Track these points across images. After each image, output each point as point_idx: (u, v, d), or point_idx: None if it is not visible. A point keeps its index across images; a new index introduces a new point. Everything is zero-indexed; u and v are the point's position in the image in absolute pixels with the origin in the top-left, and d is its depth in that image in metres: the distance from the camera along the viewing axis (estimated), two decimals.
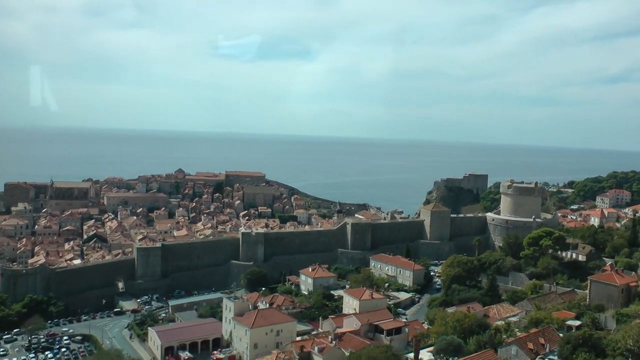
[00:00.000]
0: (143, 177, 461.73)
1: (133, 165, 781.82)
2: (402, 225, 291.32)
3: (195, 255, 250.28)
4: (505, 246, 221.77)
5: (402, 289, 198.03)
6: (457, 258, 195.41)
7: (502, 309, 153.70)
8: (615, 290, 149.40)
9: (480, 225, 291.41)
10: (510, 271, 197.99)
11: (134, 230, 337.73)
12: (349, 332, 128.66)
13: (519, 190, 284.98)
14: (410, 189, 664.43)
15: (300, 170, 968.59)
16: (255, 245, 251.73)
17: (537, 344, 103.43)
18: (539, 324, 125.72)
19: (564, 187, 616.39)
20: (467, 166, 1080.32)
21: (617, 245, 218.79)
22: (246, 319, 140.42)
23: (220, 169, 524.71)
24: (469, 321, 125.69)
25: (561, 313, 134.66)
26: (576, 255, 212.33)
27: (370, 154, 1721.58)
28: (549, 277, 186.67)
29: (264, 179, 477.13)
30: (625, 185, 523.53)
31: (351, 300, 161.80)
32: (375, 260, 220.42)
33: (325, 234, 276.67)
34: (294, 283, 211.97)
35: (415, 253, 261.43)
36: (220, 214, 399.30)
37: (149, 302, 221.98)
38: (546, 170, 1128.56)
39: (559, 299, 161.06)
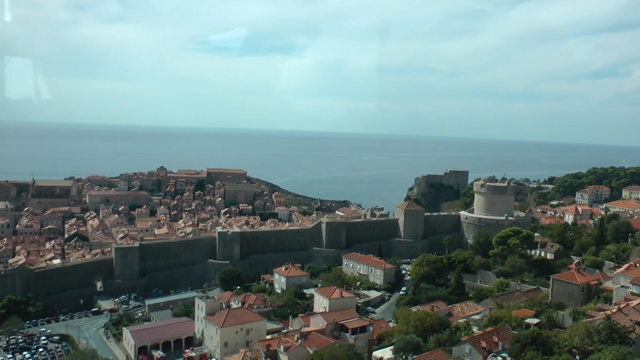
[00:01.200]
0: (125, 175, 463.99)
1: (116, 162, 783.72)
2: (376, 224, 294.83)
3: (172, 254, 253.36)
4: (476, 244, 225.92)
5: (373, 287, 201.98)
6: (427, 257, 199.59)
7: (467, 307, 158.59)
8: (575, 289, 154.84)
9: (454, 224, 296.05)
10: (479, 269, 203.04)
11: (115, 229, 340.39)
12: (314, 331, 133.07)
13: (492, 189, 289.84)
14: (393, 185, 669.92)
15: (284, 166, 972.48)
16: (232, 244, 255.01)
17: (490, 342, 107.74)
18: (497, 322, 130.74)
19: (544, 183, 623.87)
20: (451, 161, 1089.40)
21: (585, 244, 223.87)
22: (217, 318, 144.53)
23: (204, 166, 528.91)
24: (431, 320, 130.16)
25: (521, 311, 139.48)
26: (544, 254, 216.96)
27: (354, 150, 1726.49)
28: (516, 275, 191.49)
29: (245, 176, 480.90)
30: (605, 181, 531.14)
31: (321, 299, 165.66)
32: (348, 259, 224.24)
33: (301, 232, 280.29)
34: (268, 282, 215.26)
35: (389, 251, 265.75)
36: (202, 212, 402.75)
37: (126, 302, 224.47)
38: (529, 166, 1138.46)
39: (523, 297, 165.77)
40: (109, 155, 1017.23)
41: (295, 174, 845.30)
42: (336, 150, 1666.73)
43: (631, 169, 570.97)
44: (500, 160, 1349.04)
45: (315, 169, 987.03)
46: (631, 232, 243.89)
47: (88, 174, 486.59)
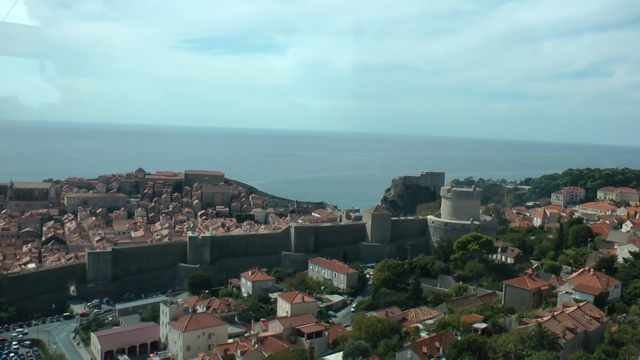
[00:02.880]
0: (103, 177, 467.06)
1: (96, 163, 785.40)
2: (344, 228, 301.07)
3: (145, 259, 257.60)
4: (439, 249, 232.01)
5: (336, 291, 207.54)
6: (388, 262, 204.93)
7: (421, 312, 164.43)
8: (527, 294, 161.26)
9: (421, 228, 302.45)
10: (439, 274, 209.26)
11: (92, 231, 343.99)
12: (271, 335, 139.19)
13: (458, 194, 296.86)
14: (372, 186, 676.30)
15: (264, 167, 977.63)
16: (202, 248, 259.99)
17: (432, 348, 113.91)
18: (445, 327, 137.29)
19: (520, 184, 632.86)
20: (432, 161, 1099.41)
21: (544, 248, 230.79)
22: (180, 323, 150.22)
23: (184, 167, 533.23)
24: (382, 326, 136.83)
25: (470, 316, 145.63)
26: (505, 258, 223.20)
27: (336, 149, 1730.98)
28: (475, 279, 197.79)
29: (222, 178, 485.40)
30: (580, 182, 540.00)
31: (284, 303, 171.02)
32: (313, 264, 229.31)
33: (271, 237, 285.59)
34: (235, 286, 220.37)
35: (356, 255, 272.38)
36: (179, 214, 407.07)
37: (98, 306, 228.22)
38: (509, 165, 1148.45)
39: (478, 301, 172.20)
40: (89, 155, 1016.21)
41: (275, 175, 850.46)
42: (318, 149, 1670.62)
43: (606, 171, 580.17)
44: (480, 159, 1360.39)
45: (295, 169, 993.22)
46: (591, 236, 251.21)
47: (67, 175, 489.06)
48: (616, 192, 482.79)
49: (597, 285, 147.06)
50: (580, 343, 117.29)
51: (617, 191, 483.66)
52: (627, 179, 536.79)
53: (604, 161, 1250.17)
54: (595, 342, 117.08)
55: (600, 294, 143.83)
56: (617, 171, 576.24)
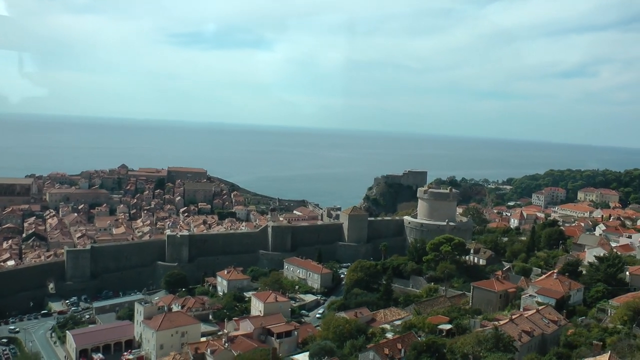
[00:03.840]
0: (86, 173, 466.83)
1: (80, 158, 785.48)
2: (321, 228, 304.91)
3: (123, 257, 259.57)
4: (413, 250, 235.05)
5: (310, 291, 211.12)
6: (361, 263, 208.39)
7: (390, 313, 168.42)
8: (494, 296, 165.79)
9: (397, 228, 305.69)
10: (411, 275, 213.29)
11: (74, 228, 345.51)
12: (242, 335, 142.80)
13: (435, 195, 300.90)
14: (355, 183, 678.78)
15: (250, 163, 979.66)
16: (180, 247, 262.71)
17: (394, 349, 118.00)
18: (411, 328, 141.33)
19: (502, 184, 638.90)
20: (417, 159, 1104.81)
21: (516, 251, 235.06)
22: (153, 322, 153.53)
23: (168, 163, 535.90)
24: (349, 327, 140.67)
25: (436, 318, 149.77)
26: (477, 260, 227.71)
27: (322, 146, 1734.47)
28: (446, 280, 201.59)
29: (205, 175, 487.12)
30: (561, 183, 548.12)
31: (257, 302, 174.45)
32: (289, 263, 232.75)
33: (248, 236, 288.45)
34: (211, 284, 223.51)
35: (333, 254, 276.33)
36: (160, 211, 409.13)
37: (76, 303, 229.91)
38: (494, 164, 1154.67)
39: (447, 303, 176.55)
40: (73, 150, 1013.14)
41: (260, 171, 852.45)
42: (304, 146, 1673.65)
43: (587, 172, 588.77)
44: (466, 158, 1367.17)
45: (280, 165, 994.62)
46: (563, 239, 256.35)
47: (50, 170, 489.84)
48: (596, 193, 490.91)
49: (559, 289, 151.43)
50: (537, 345, 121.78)
51: (597, 192, 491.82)
52: (608, 181, 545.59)
53: (588, 162, 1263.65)
54: (551, 345, 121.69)
55: (561, 298, 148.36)
56: (598, 172, 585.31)
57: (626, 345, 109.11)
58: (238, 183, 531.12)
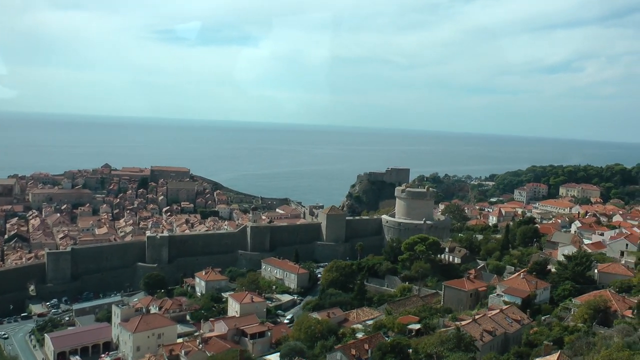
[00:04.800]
0: (69, 173, 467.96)
1: (63, 156, 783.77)
2: (300, 228, 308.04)
3: (104, 258, 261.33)
4: (389, 250, 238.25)
5: (287, 291, 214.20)
6: (337, 263, 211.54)
7: (362, 312, 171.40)
8: (464, 295, 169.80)
9: (376, 227, 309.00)
10: (386, 274, 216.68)
11: (56, 228, 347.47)
12: (216, 336, 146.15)
13: (412, 195, 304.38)
14: (339, 181, 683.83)
15: (234, 161, 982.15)
16: (160, 248, 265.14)
17: (361, 350, 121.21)
18: (381, 328, 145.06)
19: (485, 180, 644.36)
20: (401, 155, 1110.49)
21: (490, 249, 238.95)
22: (130, 324, 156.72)
23: (152, 161, 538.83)
24: (320, 327, 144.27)
25: (406, 317, 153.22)
26: (453, 258, 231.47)
27: (307, 142, 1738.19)
28: (420, 280, 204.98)
29: (188, 174, 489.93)
30: (543, 179, 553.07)
31: (234, 303, 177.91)
32: (266, 264, 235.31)
33: (228, 236, 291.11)
34: (190, 285, 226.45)
35: (311, 254, 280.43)
36: (143, 210, 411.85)
37: (57, 305, 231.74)
38: (479, 160, 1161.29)
39: (420, 302, 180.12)
40: (57, 149, 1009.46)
41: (244, 169, 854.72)
42: (289, 143, 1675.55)
43: (569, 167, 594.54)
44: (451, 154, 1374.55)
45: (265, 163, 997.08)
46: (537, 237, 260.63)
47: (33, 170, 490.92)
48: (578, 188, 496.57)
49: (526, 288, 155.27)
50: (500, 345, 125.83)
51: (578, 188, 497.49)
52: (589, 176, 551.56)
53: (572, 156, 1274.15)
54: (514, 344, 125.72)
55: (527, 297, 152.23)
56: (580, 168, 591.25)
57: (584, 343, 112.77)
58: (222, 181, 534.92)
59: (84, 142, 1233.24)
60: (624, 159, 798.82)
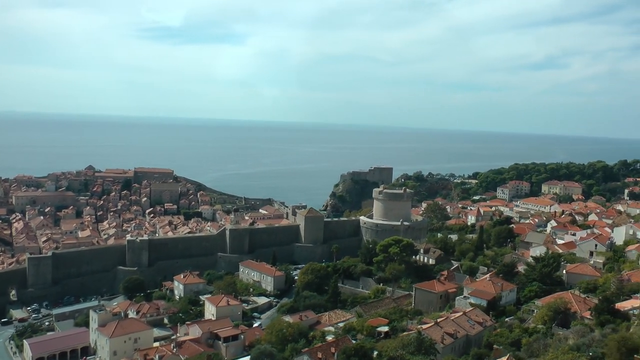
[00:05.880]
0: (53, 175, 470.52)
1: (47, 157, 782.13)
2: (278, 230, 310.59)
3: (84, 262, 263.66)
4: (365, 251, 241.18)
5: (264, 294, 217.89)
6: (312, 265, 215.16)
7: (335, 315, 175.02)
8: (434, 297, 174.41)
9: (354, 228, 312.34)
10: (361, 276, 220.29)
11: (40, 231, 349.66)
12: (189, 340, 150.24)
13: (389, 196, 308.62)
14: (323, 179, 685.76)
15: (218, 160, 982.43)
16: (140, 251, 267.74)
17: (327, 353, 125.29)
18: (350, 331, 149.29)
19: (468, 178, 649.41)
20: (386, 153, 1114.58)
21: (464, 250, 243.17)
22: (107, 329, 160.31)
23: (135, 162, 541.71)
24: (291, 330, 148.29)
25: (376, 320, 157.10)
26: (427, 259, 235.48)
27: (292, 140, 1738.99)
28: (394, 281, 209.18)
29: (172, 176, 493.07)
30: (526, 177, 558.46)
31: (210, 306, 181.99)
32: (244, 266, 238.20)
33: (207, 239, 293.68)
34: (169, 289, 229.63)
35: (290, 256, 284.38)
36: (127, 212, 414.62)
37: (38, 310, 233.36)
38: (464, 157, 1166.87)
39: (392, 304, 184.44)
40: (40, 149, 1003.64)
41: (229, 168, 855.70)
42: (274, 141, 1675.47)
43: (551, 165, 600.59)
44: (435, 151, 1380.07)
45: (249, 162, 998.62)
46: (512, 237, 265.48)
47: (16, 172, 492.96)
48: (560, 185, 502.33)
49: (491, 290, 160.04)
50: (461, 347, 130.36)
51: (560, 185, 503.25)
52: (571, 173, 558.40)
53: (556, 153, 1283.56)
54: (475, 346, 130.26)
55: (493, 299, 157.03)
56: (562, 165, 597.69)
57: (541, 344, 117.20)
58: (206, 181, 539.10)
59: (68, 142, 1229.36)
60: (607, 155, 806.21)
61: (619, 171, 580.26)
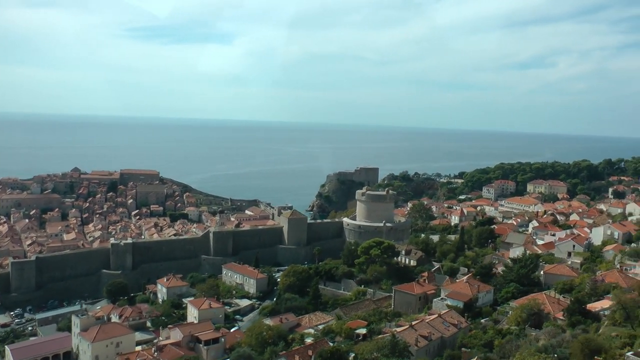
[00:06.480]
0: (38, 177, 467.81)
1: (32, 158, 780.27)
2: (262, 232, 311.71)
3: (68, 266, 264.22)
4: (347, 253, 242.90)
5: (246, 296, 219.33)
6: (294, 267, 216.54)
7: (315, 317, 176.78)
8: (413, 298, 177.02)
9: (337, 230, 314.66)
10: (343, 278, 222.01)
11: (24, 235, 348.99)
12: (170, 343, 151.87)
13: (372, 198, 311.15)
14: (311, 179, 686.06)
15: (206, 161, 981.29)
16: (124, 254, 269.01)
17: (305, 356, 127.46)
18: (329, 334, 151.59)
19: (454, 178, 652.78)
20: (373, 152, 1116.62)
21: (445, 251, 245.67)
22: (89, 334, 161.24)
23: (122, 164, 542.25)
24: (271, 333, 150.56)
25: (355, 322, 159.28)
26: (408, 261, 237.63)
27: (279, 140, 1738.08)
28: (375, 283, 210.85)
29: (158, 177, 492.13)
30: (511, 176, 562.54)
31: (192, 309, 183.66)
32: (227, 269, 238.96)
33: (191, 241, 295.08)
34: (152, 292, 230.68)
35: (274, 258, 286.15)
36: (112, 214, 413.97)
37: (21, 315, 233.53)
38: (451, 156, 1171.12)
39: (372, 305, 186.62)
40: (26, 150, 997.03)
41: (216, 169, 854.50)
42: (262, 141, 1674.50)
43: (536, 164, 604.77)
44: (423, 150, 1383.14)
45: (237, 162, 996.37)
46: (493, 238, 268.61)
47: (1, 175, 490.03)
48: (545, 185, 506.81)
49: (468, 292, 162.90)
50: (436, 349, 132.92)
51: (546, 184, 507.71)
52: (556, 172, 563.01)
53: (544, 151, 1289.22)
54: (449, 348, 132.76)
55: (469, 300, 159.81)
56: (547, 165, 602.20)
57: (513, 346, 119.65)
58: (193, 182, 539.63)
59: (54, 143, 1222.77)
60: (595, 153, 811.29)
61: (603, 170, 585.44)
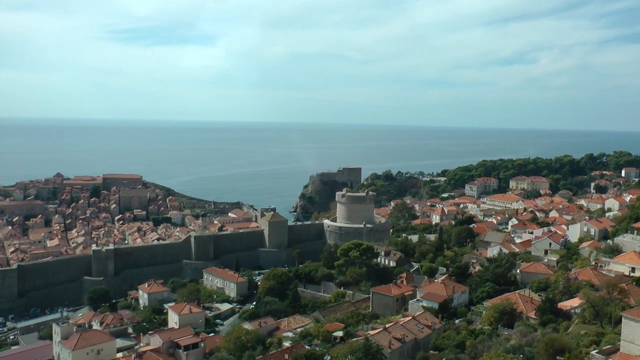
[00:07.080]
0: (21, 184, 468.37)
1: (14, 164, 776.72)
2: (243, 235, 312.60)
3: (50, 273, 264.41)
4: (327, 255, 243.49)
5: (227, 300, 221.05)
6: (274, 271, 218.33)
7: (294, 320, 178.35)
8: (390, 300, 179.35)
9: (318, 232, 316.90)
10: (322, 280, 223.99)
11: (7, 242, 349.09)
12: (150, 350, 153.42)
13: (352, 199, 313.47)
14: (294, 180, 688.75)
15: (190, 163, 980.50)
16: (106, 261, 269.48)
17: None
18: (307, 337, 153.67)
19: (436, 176, 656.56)
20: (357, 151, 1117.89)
21: (424, 251, 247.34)
22: (69, 342, 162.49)
23: (104, 168, 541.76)
24: (249, 337, 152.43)
25: (333, 325, 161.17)
26: (388, 262, 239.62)
27: (263, 141, 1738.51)
28: (355, 284, 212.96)
29: (141, 181, 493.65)
30: (494, 173, 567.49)
31: (173, 314, 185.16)
32: (207, 273, 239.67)
33: (172, 246, 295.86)
34: (134, 298, 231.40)
35: (255, 261, 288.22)
36: (96, 219, 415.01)
37: (3, 324, 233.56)
38: (434, 154, 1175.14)
39: (351, 307, 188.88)
40: (7, 156, 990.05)
41: (199, 171, 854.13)
42: (246, 142, 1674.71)
43: (518, 161, 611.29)
44: (406, 149, 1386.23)
45: (220, 164, 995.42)
46: (472, 237, 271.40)
47: None
48: (527, 181, 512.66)
49: (443, 293, 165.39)
50: (410, 351, 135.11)
51: (528, 180, 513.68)
52: (539, 168, 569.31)
53: (528, 147, 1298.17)
54: (422, 350, 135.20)
55: (444, 301, 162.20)
56: (529, 161, 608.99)
57: (485, 346, 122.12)
58: (176, 185, 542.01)
59: (36, 148, 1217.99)
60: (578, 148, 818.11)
61: (585, 165, 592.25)
